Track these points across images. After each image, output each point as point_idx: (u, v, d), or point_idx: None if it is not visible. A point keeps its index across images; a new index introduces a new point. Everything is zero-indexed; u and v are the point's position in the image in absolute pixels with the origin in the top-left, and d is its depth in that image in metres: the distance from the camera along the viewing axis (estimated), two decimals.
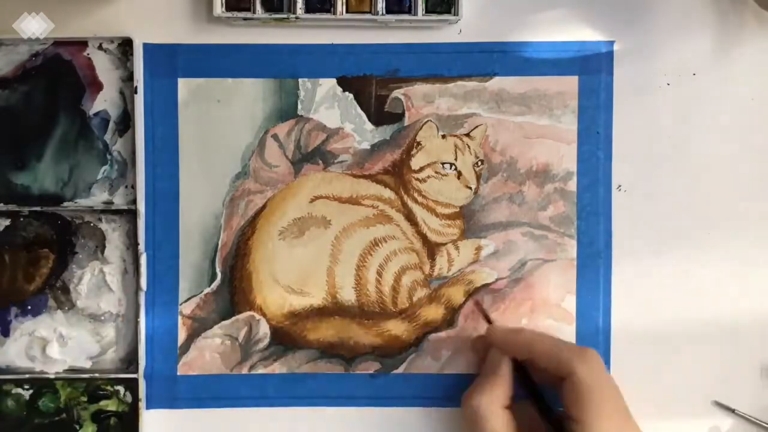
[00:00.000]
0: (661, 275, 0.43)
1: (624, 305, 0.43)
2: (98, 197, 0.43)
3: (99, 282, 0.43)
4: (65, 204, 0.43)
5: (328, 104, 0.43)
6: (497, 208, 0.44)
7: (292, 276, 0.43)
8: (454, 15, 0.42)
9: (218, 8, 0.42)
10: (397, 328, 0.43)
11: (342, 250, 0.43)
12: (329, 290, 0.43)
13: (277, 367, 0.43)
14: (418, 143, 0.43)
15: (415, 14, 0.42)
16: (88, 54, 0.43)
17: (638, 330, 0.43)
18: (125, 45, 0.42)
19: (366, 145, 0.43)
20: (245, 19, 0.42)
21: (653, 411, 0.43)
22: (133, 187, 0.43)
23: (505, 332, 0.41)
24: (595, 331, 0.43)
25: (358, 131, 0.43)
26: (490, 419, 0.38)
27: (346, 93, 0.43)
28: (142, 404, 0.42)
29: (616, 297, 0.43)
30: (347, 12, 0.42)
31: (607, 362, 0.43)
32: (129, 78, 0.42)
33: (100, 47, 0.42)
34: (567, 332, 0.43)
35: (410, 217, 0.44)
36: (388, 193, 0.44)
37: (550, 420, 0.39)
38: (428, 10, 0.42)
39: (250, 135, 0.43)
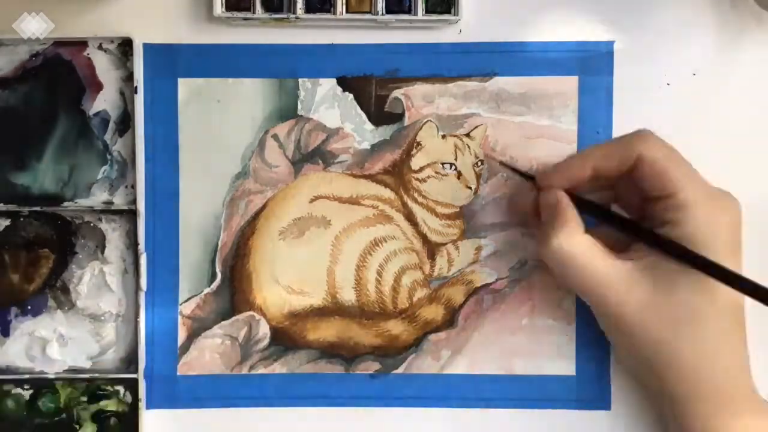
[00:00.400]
0: None
1: None
2: (98, 197, 0.43)
3: (99, 282, 0.43)
4: (65, 204, 0.43)
5: (328, 104, 0.43)
6: (497, 208, 0.44)
7: (292, 276, 0.43)
8: (454, 15, 0.42)
9: (218, 8, 0.42)
10: (397, 328, 0.43)
11: (342, 250, 0.43)
12: (329, 290, 0.43)
13: (277, 367, 0.43)
14: (418, 143, 0.43)
15: (415, 14, 0.42)
16: (88, 54, 0.43)
17: None
18: (125, 45, 0.42)
19: (366, 145, 0.43)
20: (245, 19, 0.42)
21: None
22: (133, 187, 0.43)
23: (552, 170, 0.39)
24: (595, 332, 0.43)
25: (358, 131, 0.43)
26: (577, 251, 0.37)
27: (346, 93, 0.43)
28: (142, 404, 0.42)
29: None
30: (347, 12, 0.42)
31: (607, 362, 0.43)
32: (129, 78, 0.42)
33: (100, 47, 0.42)
34: (567, 332, 0.43)
35: (410, 217, 0.44)
36: (388, 193, 0.44)
37: (630, 228, 0.38)
38: (428, 10, 0.42)
39: (250, 135, 0.43)
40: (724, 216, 0.37)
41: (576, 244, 0.37)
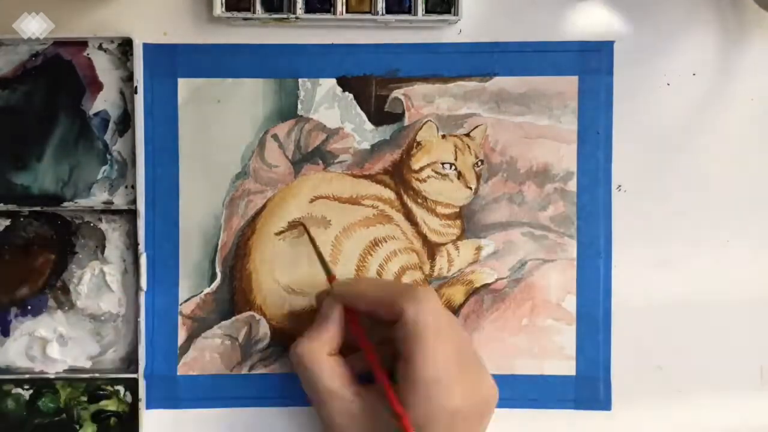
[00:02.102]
0: (661, 275, 0.43)
1: (624, 305, 0.43)
2: (98, 197, 0.43)
3: (99, 282, 0.43)
4: (65, 204, 0.43)
5: (328, 104, 0.43)
6: (497, 208, 0.44)
7: (292, 276, 0.43)
8: (454, 15, 0.42)
9: (218, 8, 0.42)
10: None
11: (342, 250, 0.43)
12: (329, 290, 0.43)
13: (277, 367, 0.43)
14: (418, 143, 0.43)
15: (415, 14, 0.42)
16: (88, 54, 0.43)
17: (639, 331, 0.43)
18: (125, 45, 0.42)
19: (366, 145, 0.43)
20: (245, 19, 0.42)
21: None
22: (133, 187, 0.43)
23: (343, 285, 0.41)
24: (595, 331, 0.43)
25: (358, 131, 0.43)
26: (313, 366, 0.38)
27: (346, 93, 0.43)
28: (142, 404, 0.42)
29: (616, 297, 0.43)
30: (347, 12, 0.42)
31: (608, 362, 0.43)
32: (129, 78, 0.42)
33: (100, 47, 0.42)
34: (567, 332, 0.43)
35: (410, 217, 0.44)
36: (388, 193, 0.44)
37: (380, 366, 0.38)
38: (428, 10, 0.42)
39: (250, 135, 0.43)
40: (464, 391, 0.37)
41: (315, 360, 0.38)
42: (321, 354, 0.38)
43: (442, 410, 0.36)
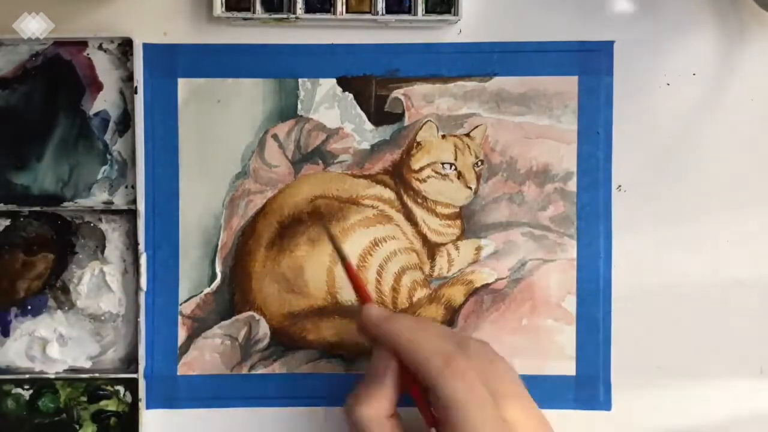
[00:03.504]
0: (661, 276, 0.43)
1: (624, 305, 0.43)
2: (98, 197, 0.43)
3: (99, 282, 0.43)
4: (65, 204, 0.43)
5: (328, 104, 0.43)
6: (497, 208, 0.44)
7: (292, 276, 0.43)
8: (454, 15, 0.42)
9: (218, 8, 0.42)
10: None
11: (342, 249, 0.43)
12: (329, 290, 0.43)
13: (277, 367, 0.43)
14: (418, 143, 0.43)
15: (415, 14, 0.42)
16: (88, 54, 0.43)
17: (639, 331, 0.43)
18: (125, 45, 0.42)
19: (366, 145, 0.43)
20: (245, 19, 0.42)
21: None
22: (133, 187, 0.43)
23: (378, 319, 0.38)
24: (595, 331, 0.43)
25: (358, 131, 0.43)
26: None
27: (346, 93, 0.43)
28: (142, 404, 0.42)
29: (616, 297, 0.43)
30: (347, 12, 0.42)
31: (608, 362, 0.43)
32: (129, 78, 0.42)
33: (100, 47, 0.42)
34: (567, 332, 0.43)
35: (410, 217, 0.44)
36: (387, 193, 0.44)
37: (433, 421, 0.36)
38: (428, 10, 0.42)
39: (250, 135, 0.43)
40: None
41: (376, 426, 0.36)
42: (382, 418, 0.36)
43: None
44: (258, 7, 0.42)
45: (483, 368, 0.35)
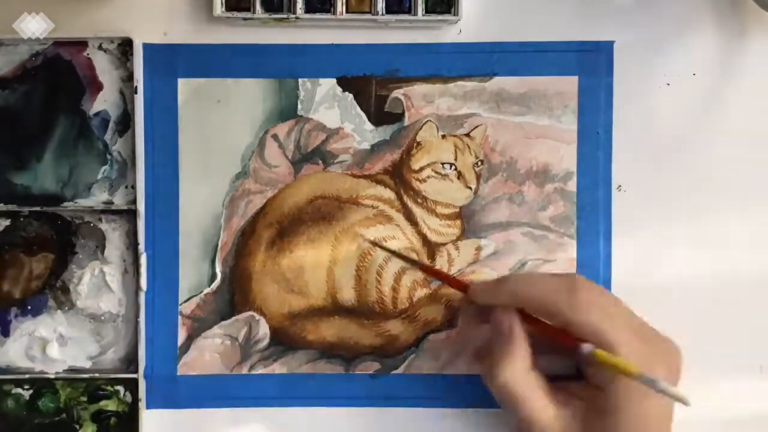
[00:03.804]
0: (661, 276, 0.43)
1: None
2: (98, 197, 0.43)
3: (99, 282, 0.43)
4: (65, 204, 0.43)
5: (328, 104, 0.43)
6: (497, 208, 0.44)
7: (292, 276, 0.43)
8: (454, 15, 0.42)
9: (218, 8, 0.42)
10: (396, 328, 0.43)
11: (342, 250, 0.43)
12: (329, 290, 0.43)
13: (277, 368, 0.43)
14: (418, 143, 0.43)
15: (415, 14, 0.42)
16: (88, 54, 0.43)
17: None
18: (125, 45, 0.42)
19: (366, 145, 0.43)
20: (245, 19, 0.42)
21: None
22: (133, 187, 0.43)
23: (486, 288, 0.39)
24: None
25: (358, 131, 0.43)
26: (520, 392, 0.37)
27: (346, 93, 0.43)
28: (142, 404, 0.42)
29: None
30: (347, 12, 0.42)
31: None
32: (129, 78, 0.42)
33: (100, 47, 0.42)
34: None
35: (410, 217, 0.44)
36: (387, 193, 0.44)
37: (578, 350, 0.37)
38: (428, 10, 0.42)
39: (249, 135, 0.43)
40: (660, 366, 0.37)
41: (520, 384, 0.37)
42: (523, 376, 0.37)
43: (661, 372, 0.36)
44: (258, 7, 0.42)
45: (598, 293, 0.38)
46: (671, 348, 0.38)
